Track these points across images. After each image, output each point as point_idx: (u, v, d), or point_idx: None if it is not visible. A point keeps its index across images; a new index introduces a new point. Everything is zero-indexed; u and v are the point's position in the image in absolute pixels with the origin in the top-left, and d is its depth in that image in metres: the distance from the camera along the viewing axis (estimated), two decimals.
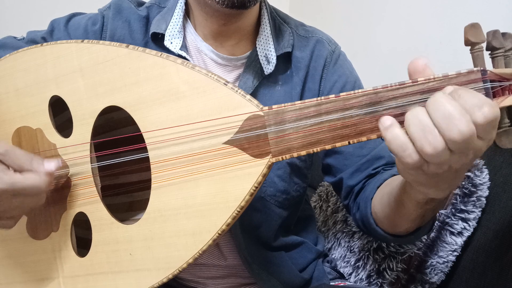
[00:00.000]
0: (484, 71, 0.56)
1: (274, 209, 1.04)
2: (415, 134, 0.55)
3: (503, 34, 0.60)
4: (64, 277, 0.84)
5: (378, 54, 1.88)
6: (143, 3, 1.08)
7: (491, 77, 0.57)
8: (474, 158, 0.59)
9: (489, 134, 0.55)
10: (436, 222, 1.14)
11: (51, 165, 0.75)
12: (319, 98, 0.63)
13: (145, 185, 0.79)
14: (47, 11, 1.32)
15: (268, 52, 1.00)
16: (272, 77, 1.02)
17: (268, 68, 1.00)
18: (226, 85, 0.70)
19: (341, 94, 0.62)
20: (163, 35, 0.99)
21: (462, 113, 0.52)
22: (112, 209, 0.83)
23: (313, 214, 1.28)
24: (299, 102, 0.64)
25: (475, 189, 1.11)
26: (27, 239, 0.87)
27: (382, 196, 0.88)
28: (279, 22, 1.06)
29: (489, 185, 1.12)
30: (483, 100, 0.53)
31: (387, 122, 0.58)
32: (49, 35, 1.05)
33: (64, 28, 1.05)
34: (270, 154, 0.67)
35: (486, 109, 0.52)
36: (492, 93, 0.57)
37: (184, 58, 0.97)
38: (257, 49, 1.00)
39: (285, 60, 1.04)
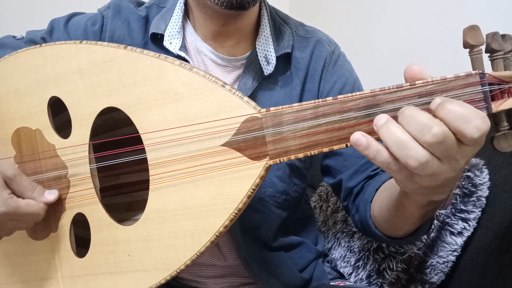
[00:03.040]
0: (482, 74, 0.56)
1: (273, 210, 1.04)
2: (396, 152, 0.56)
3: (503, 36, 0.59)
4: (63, 277, 0.84)
5: (377, 54, 1.88)
6: (143, 3, 1.08)
7: (490, 80, 0.56)
8: (467, 162, 0.58)
9: (481, 141, 0.55)
10: (436, 222, 1.14)
11: (50, 196, 0.80)
12: (316, 101, 0.63)
13: (145, 186, 0.78)
14: (47, 11, 1.31)
15: (267, 53, 1.00)
16: (272, 78, 1.01)
17: (268, 69, 0.99)
18: (224, 86, 0.69)
19: (339, 96, 0.62)
20: (162, 36, 0.98)
21: (430, 118, 0.54)
22: (111, 209, 0.82)
23: (313, 214, 1.28)
24: (297, 104, 0.64)
25: (475, 189, 1.11)
26: (26, 239, 0.87)
27: (382, 200, 0.88)
28: (279, 23, 1.06)
29: (489, 185, 1.11)
30: (473, 113, 0.53)
31: (363, 141, 0.58)
32: (48, 35, 1.04)
33: (64, 28, 1.04)
34: (268, 157, 0.66)
35: (478, 121, 0.53)
36: (491, 96, 0.56)
37: (183, 58, 0.97)
38: (257, 49, 1.00)
39: (284, 60, 1.03)
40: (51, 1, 1.88)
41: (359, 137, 0.59)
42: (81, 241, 0.85)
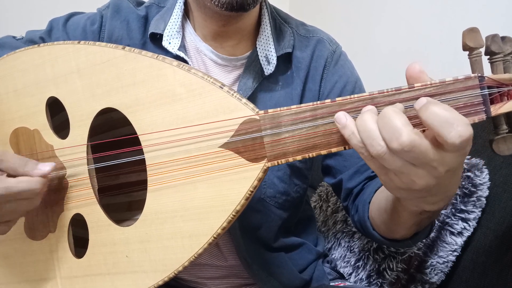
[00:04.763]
0: (481, 77, 0.55)
1: (274, 210, 1.03)
2: (362, 138, 0.57)
3: (503, 38, 0.58)
4: (61, 277, 0.84)
5: (377, 54, 1.88)
6: (142, 2, 1.07)
7: (489, 83, 0.56)
8: (452, 172, 0.57)
9: (463, 150, 0.54)
10: (436, 222, 1.14)
11: (45, 168, 0.75)
12: (315, 103, 0.63)
13: (144, 185, 0.78)
14: (47, 11, 1.31)
15: (268, 53, 0.99)
16: (272, 77, 1.01)
17: (268, 69, 0.99)
18: (222, 88, 0.69)
19: (337, 99, 0.61)
20: (161, 35, 0.98)
21: (405, 123, 0.53)
22: (111, 209, 0.83)
23: (313, 215, 1.28)
24: (295, 106, 0.64)
25: (475, 189, 1.11)
26: (25, 240, 0.87)
27: (379, 202, 0.88)
28: (280, 22, 1.05)
29: (489, 185, 1.11)
30: (456, 119, 0.52)
31: (342, 120, 0.60)
32: (47, 35, 1.04)
33: (63, 28, 1.04)
34: (266, 159, 0.66)
35: (460, 127, 0.52)
36: (490, 100, 0.56)
37: (182, 58, 0.97)
38: (257, 49, 0.99)
39: (285, 60, 1.03)
40: (51, 1, 1.88)
41: (339, 116, 0.60)
42: (80, 241, 0.85)
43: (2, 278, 0.90)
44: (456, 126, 0.51)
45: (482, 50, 0.58)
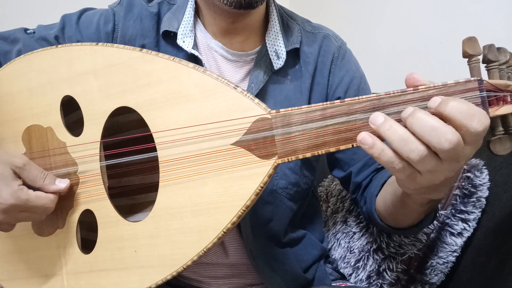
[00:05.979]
0: (480, 81, 0.63)
1: (285, 202, 1.09)
2: (399, 147, 0.62)
3: (498, 49, 0.67)
4: (67, 273, 0.89)
5: (378, 54, 1.93)
6: None
7: (487, 87, 0.63)
8: (466, 162, 0.65)
9: (479, 140, 0.62)
10: (436, 222, 1.18)
11: (61, 184, 0.84)
12: (325, 103, 0.69)
13: (147, 188, 0.83)
14: (48, 5, 1.32)
15: (277, 48, 1.06)
16: (282, 72, 1.08)
17: (278, 63, 1.05)
18: (235, 88, 0.75)
19: (346, 99, 0.68)
20: (175, 34, 1.04)
21: (444, 123, 0.59)
22: None
23: (320, 210, 1.33)
24: (306, 106, 0.70)
25: (475, 190, 1.15)
26: (32, 236, 0.91)
27: (385, 195, 0.95)
28: (287, 19, 1.12)
29: (489, 186, 1.15)
30: (475, 109, 0.59)
31: (369, 141, 0.64)
32: (60, 32, 1.08)
33: (76, 26, 1.08)
34: (276, 156, 0.72)
35: (479, 119, 0.59)
36: (488, 102, 0.64)
37: (195, 56, 1.02)
38: (267, 44, 1.06)
39: (293, 55, 1.10)
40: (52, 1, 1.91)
41: (364, 137, 0.65)
42: (84, 242, 0.90)
43: (9, 273, 0.94)
44: (477, 116, 0.59)
45: (480, 57, 0.66)
